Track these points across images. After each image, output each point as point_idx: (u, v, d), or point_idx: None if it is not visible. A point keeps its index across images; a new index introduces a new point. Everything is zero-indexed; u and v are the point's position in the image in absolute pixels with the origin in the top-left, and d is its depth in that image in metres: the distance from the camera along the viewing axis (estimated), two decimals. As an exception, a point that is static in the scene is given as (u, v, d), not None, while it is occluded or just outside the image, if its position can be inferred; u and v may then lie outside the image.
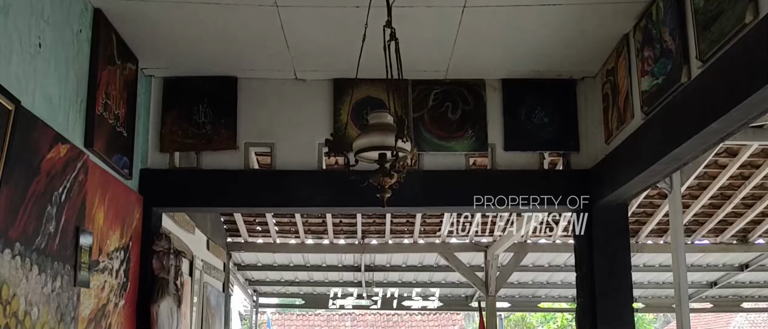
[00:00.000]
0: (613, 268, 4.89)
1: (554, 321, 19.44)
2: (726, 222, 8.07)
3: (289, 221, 8.08)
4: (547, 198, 5.06)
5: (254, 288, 10.82)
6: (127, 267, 4.48)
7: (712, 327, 24.25)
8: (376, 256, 9.27)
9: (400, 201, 3.98)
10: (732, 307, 11.62)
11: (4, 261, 2.98)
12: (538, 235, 8.45)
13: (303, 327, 23.61)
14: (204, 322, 6.86)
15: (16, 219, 3.09)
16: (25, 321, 3.19)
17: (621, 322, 4.87)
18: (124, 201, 4.43)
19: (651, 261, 9.29)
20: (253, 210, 6.67)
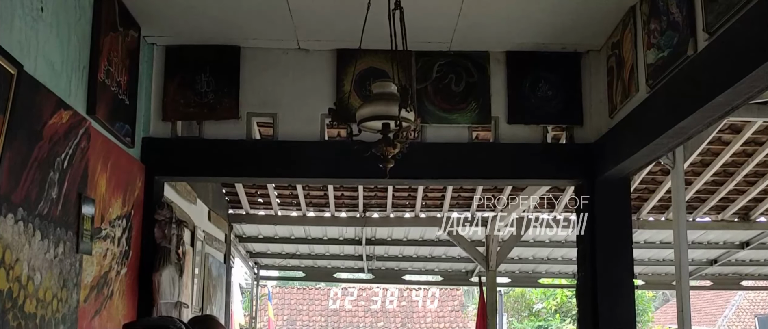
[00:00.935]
0: (615, 243, 4.89)
1: (554, 297, 19.54)
2: (728, 200, 8.06)
3: (291, 193, 8.09)
4: (549, 172, 5.09)
5: (255, 260, 10.85)
6: (129, 236, 4.49)
7: (710, 306, 24.40)
8: (377, 230, 9.28)
9: (402, 173, 3.98)
10: (732, 285, 11.65)
11: (6, 226, 2.99)
12: (540, 210, 8.45)
13: (303, 301, 23.77)
14: (205, 292, 6.90)
15: (19, 184, 3.09)
16: (28, 286, 3.20)
17: (621, 297, 4.88)
18: (126, 169, 4.43)
19: (652, 237, 9.30)
20: (255, 180, 6.66)
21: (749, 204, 8.20)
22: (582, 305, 5.14)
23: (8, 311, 3.02)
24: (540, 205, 8.24)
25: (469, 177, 5.29)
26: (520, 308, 21.41)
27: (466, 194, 8.09)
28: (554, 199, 8.14)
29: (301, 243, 9.86)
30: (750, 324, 22.35)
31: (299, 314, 23.07)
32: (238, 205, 8.34)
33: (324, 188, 7.82)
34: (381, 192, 8.01)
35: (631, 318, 4.94)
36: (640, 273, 10.50)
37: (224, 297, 8.08)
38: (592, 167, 4.87)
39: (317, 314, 23.15)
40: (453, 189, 7.82)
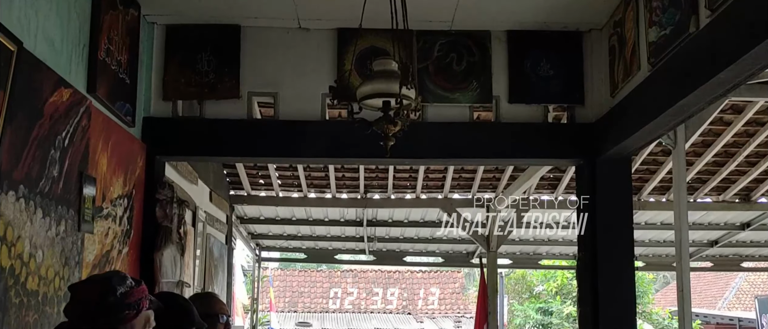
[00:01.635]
0: (615, 223, 4.90)
1: (554, 279, 19.57)
2: (729, 181, 8.06)
3: (292, 174, 8.09)
4: (550, 152, 5.08)
5: (257, 241, 10.88)
6: (130, 215, 4.50)
7: (711, 289, 24.47)
8: (378, 211, 9.29)
9: (403, 152, 3.99)
10: (732, 266, 11.67)
11: (8, 203, 3.00)
12: (541, 192, 8.46)
13: (305, 283, 23.87)
14: (207, 273, 6.92)
15: (20, 161, 3.09)
16: (30, 263, 3.21)
17: (621, 277, 4.89)
18: (127, 148, 4.43)
19: (652, 219, 9.31)
20: (256, 160, 6.66)
21: (750, 185, 8.20)
22: (582, 285, 5.16)
23: (10, 288, 3.03)
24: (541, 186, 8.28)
25: (470, 156, 5.29)
26: (521, 290, 21.44)
27: (467, 175, 8.09)
28: (556, 180, 8.16)
29: (303, 225, 9.88)
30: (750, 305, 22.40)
31: (300, 296, 23.18)
32: (240, 186, 8.35)
33: (325, 169, 7.82)
34: (382, 173, 8.01)
35: (631, 299, 4.97)
36: (641, 255, 10.53)
37: (226, 278, 8.10)
38: (593, 147, 4.86)
39: (319, 296, 23.25)
40: (454, 170, 7.82)
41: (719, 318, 20.72)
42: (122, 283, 2.19)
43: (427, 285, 23.54)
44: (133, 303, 2.18)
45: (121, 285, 2.17)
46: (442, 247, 10.98)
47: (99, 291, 2.15)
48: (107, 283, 2.17)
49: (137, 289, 2.23)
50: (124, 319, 2.15)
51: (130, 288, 2.20)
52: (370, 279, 23.97)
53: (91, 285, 2.20)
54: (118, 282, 2.19)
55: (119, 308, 2.14)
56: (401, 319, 21.17)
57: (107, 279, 2.20)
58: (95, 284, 2.20)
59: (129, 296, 2.18)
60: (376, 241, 10.46)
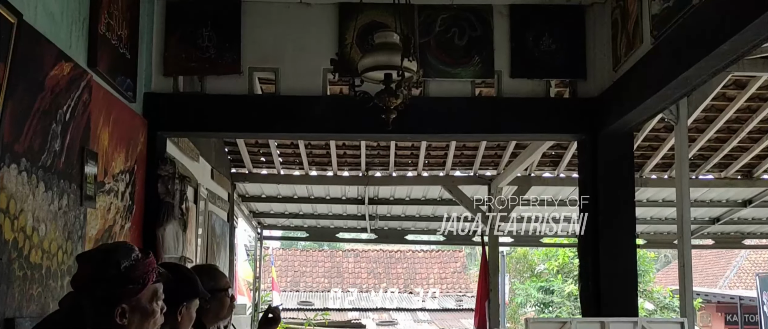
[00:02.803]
0: (617, 198, 4.90)
1: (556, 258, 19.61)
2: (731, 157, 8.05)
3: (293, 152, 8.08)
4: (552, 127, 5.08)
5: (258, 220, 10.89)
6: (132, 190, 4.51)
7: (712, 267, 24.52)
8: (379, 189, 9.29)
9: (405, 127, 3.99)
10: (733, 243, 11.68)
11: (10, 176, 3.00)
12: (543, 169, 8.45)
13: (307, 263, 23.96)
14: (209, 250, 6.94)
15: (22, 134, 3.09)
16: (33, 236, 3.22)
17: (623, 252, 4.91)
18: (128, 124, 4.43)
19: (654, 196, 9.31)
20: (258, 135, 6.65)
21: (753, 162, 8.19)
22: (584, 261, 5.17)
23: (14, 260, 3.04)
24: (543, 163, 8.27)
25: (472, 132, 5.29)
26: (522, 269, 21.49)
27: (468, 152, 8.08)
28: (558, 157, 8.15)
29: (304, 203, 9.88)
30: (751, 284, 22.46)
31: (303, 276, 23.28)
32: (241, 164, 8.34)
33: (326, 146, 7.81)
34: (383, 150, 7.99)
35: (632, 274, 4.98)
36: (642, 232, 10.54)
37: (228, 256, 8.12)
38: (596, 121, 4.86)
39: (321, 275, 23.35)
40: (456, 147, 7.81)
41: (720, 296, 20.78)
42: (127, 257, 2.11)
43: (429, 264, 23.63)
44: (139, 277, 2.11)
45: (125, 258, 2.11)
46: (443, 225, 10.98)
47: (101, 264, 2.10)
48: (110, 256, 2.11)
49: (143, 262, 2.14)
50: (129, 293, 2.10)
51: (136, 261, 2.11)
52: (372, 258, 24.06)
53: (96, 257, 2.15)
54: (123, 255, 2.11)
55: (122, 282, 2.08)
56: (403, 298, 21.26)
57: (112, 252, 2.14)
58: (100, 255, 2.15)
59: (134, 270, 2.10)
60: (378, 220, 10.47)
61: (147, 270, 2.14)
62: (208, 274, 3.23)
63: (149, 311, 2.15)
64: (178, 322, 2.58)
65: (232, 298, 3.53)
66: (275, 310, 3.62)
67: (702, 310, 20.42)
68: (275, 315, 3.61)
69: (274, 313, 3.62)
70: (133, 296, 2.10)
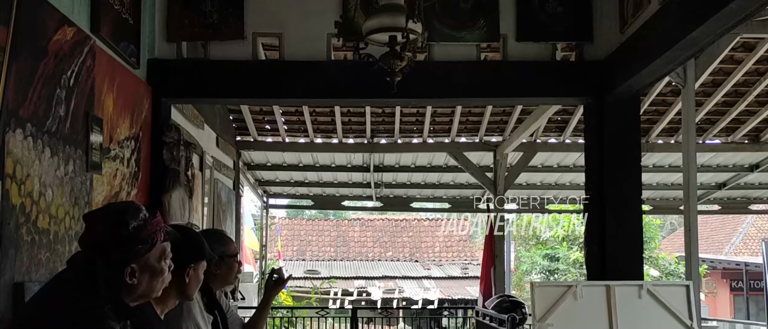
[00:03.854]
0: (623, 162, 4.88)
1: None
2: (738, 121, 8.00)
3: (298, 119, 8.07)
4: (558, 90, 5.05)
5: (264, 188, 10.91)
6: (138, 157, 4.51)
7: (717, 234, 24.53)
8: (385, 156, 9.28)
9: (410, 92, 3.97)
10: (740, 209, 11.66)
11: (16, 141, 3.00)
12: (548, 134, 8.43)
13: (313, 232, 24.06)
14: (215, 217, 6.96)
15: (27, 99, 3.08)
16: (40, 202, 3.24)
17: (629, 216, 4.90)
18: (132, 90, 4.42)
19: (660, 161, 9.29)
20: (262, 101, 6.62)
21: (760, 126, 8.15)
22: (589, 225, 5.16)
23: (22, 225, 3.06)
24: (549, 128, 8.24)
25: (477, 96, 5.26)
26: (528, 237, 21.58)
27: (474, 118, 8.05)
28: (563, 123, 8.12)
29: (310, 171, 9.89)
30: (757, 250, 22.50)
31: (309, 245, 23.39)
32: (246, 132, 8.34)
33: (331, 112, 7.79)
34: (388, 117, 7.97)
35: (637, 238, 4.97)
36: (648, 198, 10.53)
37: (234, 224, 8.16)
38: (602, 85, 4.82)
39: (327, 245, 23.46)
40: (461, 113, 7.78)
41: (726, 262, 20.84)
42: (135, 216, 2.12)
43: (434, 232, 23.70)
44: (147, 237, 2.12)
45: (134, 218, 2.11)
46: (448, 193, 11.00)
47: (111, 224, 2.10)
48: (120, 216, 2.11)
49: (151, 222, 2.15)
50: (138, 253, 2.11)
51: (144, 221, 2.12)
52: (378, 227, 24.14)
53: (104, 217, 2.16)
54: (132, 215, 2.12)
55: (131, 242, 2.09)
56: (409, 266, 21.37)
57: (120, 212, 2.14)
58: (108, 215, 2.16)
59: (142, 230, 2.11)
60: (383, 187, 10.48)
61: (155, 229, 2.15)
62: (216, 239, 3.24)
63: (158, 270, 2.17)
64: (186, 284, 2.59)
65: (240, 263, 3.55)
66: (279, 271, 3.65)
67: (707, 277, 20.51)
68: (280, 277, 3.64)
69: (278, 274, 3.64)
70: (142, 255, 2.11)
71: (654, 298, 4.65)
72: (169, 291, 2.45)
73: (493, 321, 5.63)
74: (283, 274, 3.67)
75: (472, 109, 7.81)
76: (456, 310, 14.16)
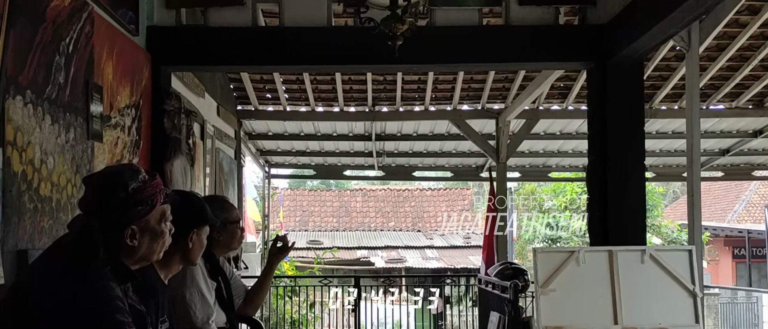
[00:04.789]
0: (627, 127, 4.85)
1: (564, 194, 19.70)
2: (742, 86, 7.95)
3: (299, 88, 8.02)
4: (561, 55, 5.01)
5: (266, 158, 10.90)
6: (138, 125, 4.49)
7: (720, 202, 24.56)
8: (386, 125, 9.25)
9: (411, 58, 3.93)
10: (743, 175, 11.65)
11: (16, 108, 2.98)
12: (551, 101, 8.38)
13: (315, 203, 24.12)
14: (217, 187, 6.96)
15: (25, 66, 3.06)
16: (42, 169, 3.22)
17: (632, 182, 4.88)
18: (132, 57, 4.38)
19: (664, 127, 9.25)
20: (263, 68, 6.58)
21: (764, 91, 8.09)
22: (592, 191, 5.16)
23: (24, 193, 3.05)
24: (551, 95, 8.20)
25: (479, 61, 5.22)
26: (530, 205, 21.63)
27: (476, 85, 8.00)
28: (566, 89, 8.07)
29: (311, 140, 9.87)
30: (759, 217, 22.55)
31: (311, 216, 23.45)
32: (247, 101, 8.30)
33: (332, 81, 7.75)
34: (390, 85, 7.93)
35: (640, 205, 4.96)
36: (651, 165, 10.51)
37: (236, 194, 8.16)
38: (605, 49, 4.77)
39: (329, 215, 23.53)
40: (463, 80, 7.73)
41: (728, 230, 20.90)
42: (134, 178, 2.11)
43: (437, 202, 23.74)
44: (146, 198, 2.12)
45: (132, 180, 2.11)
46: (451, 161, 10.99)
47: (109, 186, 2.10)
48: (118, 178, 2.11)
49: (151, 184, 2.14)
50: (137, 215, 2.11)
51: (143, 183, 2.12)
52: (380, 197, 24.19)
53: (102, 179, 2.15)
54: (130, 177, 2.12)
55: (130, 204, 2.09)
56: (411, 236, 21.45)
57: (119, 174, 2.13)
58: (107, 178, 2.15)
59: (141, 191, 2.11)
60: (385, 156, 10.46)
61: (154, 191, 2.14)
62: (219, 205, 3.24)
63: (158, 232, 2.17)
64: (189, 249, 2.60)
65: (242, 230, 3.56)
66: (284, 238, 3.66)
67: (709, 244, 20.57)
68: (284, 243, 3.65)
69: (283, 241, 3.65)
70: (141, 217, 2.11)
71: (657, 263, 4.65)
72: (172, 256, 2.46)
73: (495, 289, 5.65)
74: (287, 241, 3.69)
75: (474, 76, 7.76)
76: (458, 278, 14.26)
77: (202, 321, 3.06)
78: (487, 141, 8.83)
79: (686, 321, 4.62)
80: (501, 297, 5.28)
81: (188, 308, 3.02)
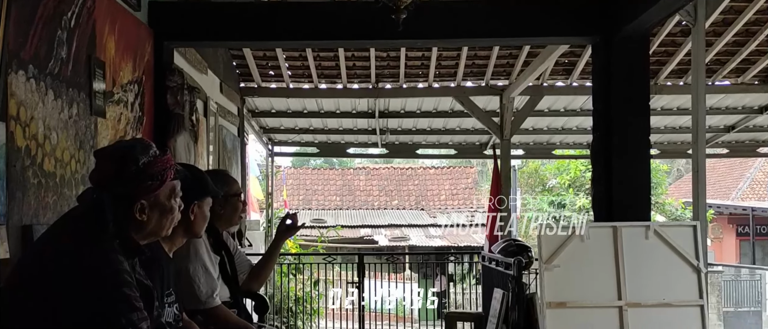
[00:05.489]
0: (632, 102, 4.82)
1: (567, 172, 19.68)
2: (748, 62, 7.89)
3: (302, 64, 7.98)
4: (566, 29, 4.97)
5: (269, 136, 10.88)
6: (141, 101, 4.48)
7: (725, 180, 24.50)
8: (390, 102, 9.21)
9: (414, 33, 3.91)
10: (748, 152, 11.60)
11: (18, 83, 2.97)
12: (555, 77, 8.34)
13: (318, 181, 24.12)
14: (220, 164, 6.95)
15: (27, 40, 3.05)
16: (45, 145, 3.22)
17: (637, 158, 4.86)
18: (134, 33, 4.36)
19: (669, 104, 9.20)
20: (266, 44, 6.52)
21: (770, 66, 8.04)
22: (597, 166, 5.14)
23: (28, 168, 3.05)
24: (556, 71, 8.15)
25: (484, 36, 5.18)
26: (534, 184, 21.63)
27: (480, 61, 7.95)
28: (571, 65, 8.02)
29: (314, 118, 9.84)
30: (764, 195, 22.53)
31: (315, 194, 23.47)
32: (249, 78, 8.26)
33: (335, 57, 7.70)
34: (393, 61, 7.87)
35: (645, 181, 4.95)
36: (656, 142, 10.48)
37: (240, 171, 8.16)
38: (611, 23, 4.73)
39: (332, 194, 23.54)
40: (467, 56, 7.68)
41: (732, 208, 20.87)
42: (145, 153, 2.11)
43: (440, 181, 23.74)
44: (156, 173, 2.11)
45: (143, 154, 2.10)
46: (454, 139, 10.96)
47: (120, 160, 2.09)
48: (129, 152, 2.10)
49: (161, 159, 2.14)
50: (147, 189, 2.10)
51: (153, 157, 2.11)
52: (383, 176, 24.18)
53: (113, 153, 2.14)
54: (141, 151, 2.11)
55: (140, 178, 2.08)
56: (414, 215, 21.47)
57: (130, 148, 2.12)
58: (118, 151, 2.14)
59: (152, 166, 2.10)
60: (389, 134, 10.43)
61: (165, 166, 2.14)
62: (220, 179, 3.23)
63: (168, 208, 2.16)
64: (192, 221, 2.59)
65: (244, 203, 3.55)
66: (293, 216, 3.65)
67: (714, 222, 20.56)
68: (294, 221, 3.64)
69: (292, 219, 3.65)
70: (151, 192, 2.11)
71: (661, 239, 4.65)
72: (176, 230, 2.45)
73: (499, 265, 5.65)
74: (297, 219, 3.68)
75: (478, 52, 7.71)
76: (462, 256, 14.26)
77: (206, 295, 3.06)
78: (491, 118, 8.79)
79: (690, 296, 4.62)
80: (505, 274, 5.29)
81: (192, 282, 3.03)
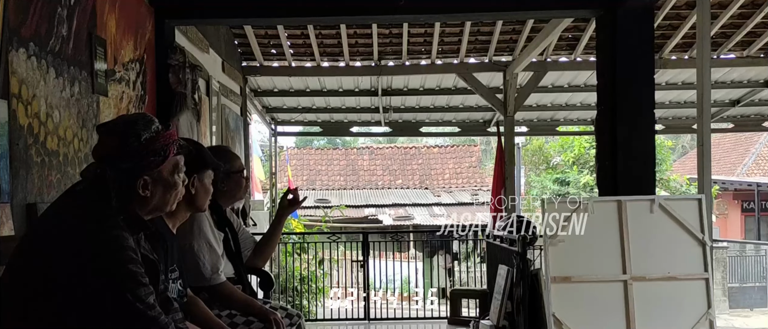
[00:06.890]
0: (637, 76, 4.80)
1: (572, 149, 19.62)
2: (754, 35, 7.83)
3: (304, 43, 7.93)
4: (570, 2, 4.93)
5: (272, 115, 10.85)
6: (143, 80, 4.47)
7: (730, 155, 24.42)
8: (393, 79, 9.17)
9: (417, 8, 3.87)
10: (753, 126, 11.54)
11: (20, 60, 2.95)
12: (559, 53, 8.28)
13: (322, 162, 24.11)
14: (224, 143, 6.94)
15: (28, 17, 3.03)
16: (48, 123, 3.21)
17: (642, 132, 4.84)
18: (135, 11, 4.34)
19: (674, 78, 9.14)
20: (267, 21, 6.47)
21: (776, 39, 7.97)
22: (601, 139, 5.12)
23: (30, 146, 3.04)
24: (559, 47, 8.10)
25: (487, 10, 5.13)
26: (538, 161, 21.59)
27: (483, 37, 7.90)
28: (575, 41, 7.97)
29: (317, 96, 9.80)
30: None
31: (318, 175, 23.47)
32: (251, 57, 8.23)
33: (337, 35, 7.65)
34: (396, 38, 7.82)
35: (650, 155, 4.93)
36: (661, 118, 10.43)
37: (243, 151, 8.15)
38: (615, -5, 4.70)
39: (336, 174, 23.54)
40: (470, 32, 7.63)
41: (737, 183, 20.82)
42: (147, 128, 2.09)
43: (444, 160, 23.71)
44: (159, 148, 2.10)
45: (145, 130, 2.09)
46: (458, 116, 10.92)
47: (122, 135, 2.08)
48: (131, 127, 2.09)
49: (164, 135, 2.12)
50: (150, 165, 2.09)
51: (156, 133, 2.10)
52: (387, 155, 24.17)
53: (117, 128, 2.13)
54: (144, 127, 2.09)
55: (143, 154, 2.07)
56: (418, 194, 21.47)
57: (132, 123, 2.11)
58: (121, 126, 2.13)
59: (154, 141, 2.09)
60: (392, 112, 10.39)
61: (167, 142, 2.13)
62: (222, 155, 3.22)
63: (171, 183, 2.16)
64: (193, 195, 2.58)
65: (247, 180, 3.55)
66: (295, 191, 3.65)
67: (718, 198, 20.52)
68: (295, 196, 3.65)
69: (294, 194, 3.65)
70: (154, 167, 2.10)
71: (666, 213, 4.64)
72: (179, 205, 2.44)
73: (503, 242, 5.65)
74: (298, 194, 3.68)
75: (481, 28, 7.66)
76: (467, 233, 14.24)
77: (211, 271, 3.07)
78: (494, 94, 8.76)
79: (695, 269, 4.62)
80: (509, 251, 5.29)
81: (197, 259, 3.03)
